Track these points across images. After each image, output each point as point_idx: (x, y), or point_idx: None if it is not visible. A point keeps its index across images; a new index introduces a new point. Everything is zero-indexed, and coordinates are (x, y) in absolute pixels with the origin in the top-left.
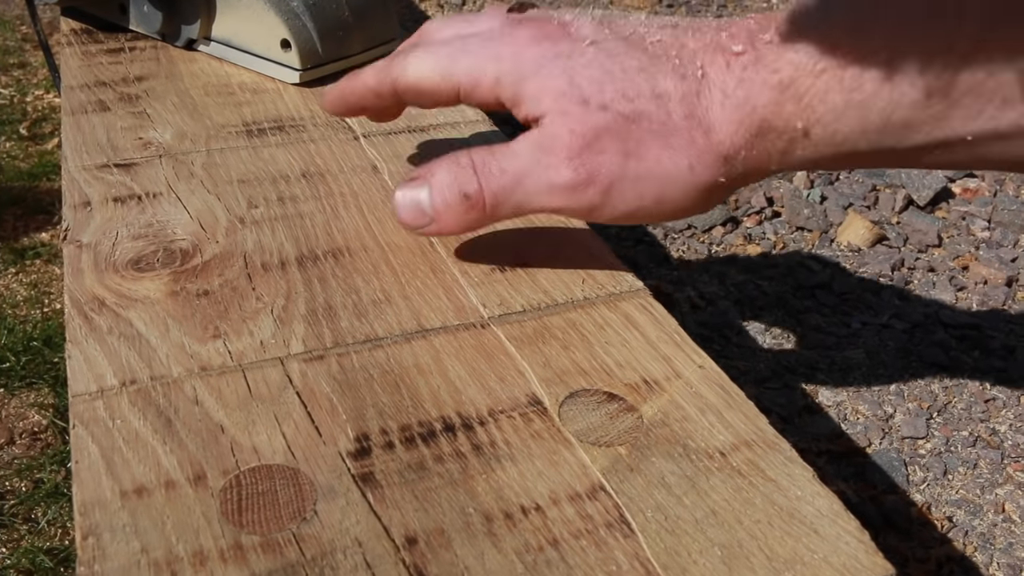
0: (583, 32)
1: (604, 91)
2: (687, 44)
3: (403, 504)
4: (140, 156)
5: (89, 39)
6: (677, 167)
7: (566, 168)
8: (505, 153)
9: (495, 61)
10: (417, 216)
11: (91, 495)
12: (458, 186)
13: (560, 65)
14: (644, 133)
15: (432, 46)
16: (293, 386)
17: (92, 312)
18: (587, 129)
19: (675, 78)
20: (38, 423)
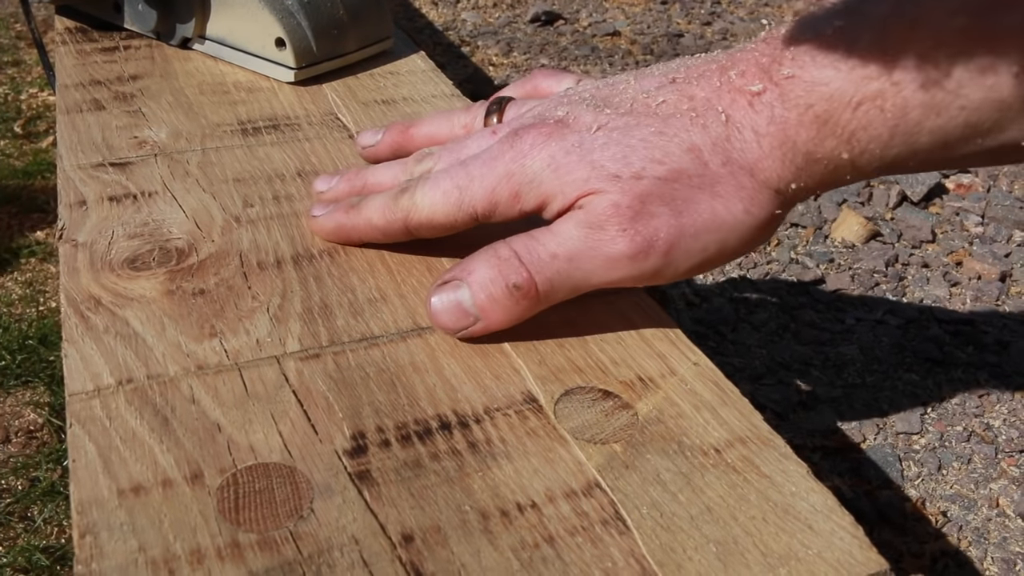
0: (584, 120)
1: (632, 163)
2: (695, 95)
3: (399, 502)
4: (135, 155)
5: (84, 38)
6: (732, 214)
7: (622, 239)
8: (550, 236)
9: (507, 179)
10: (460, 318)
11: (88, 494)
12: (503, 280)
13: (575, 157)
14: (688, 189)
15: (436, 179)
16: (289, 384)
17: (88, 311)
18: (631, 199)
19: (698, 130)
20: (34, 421)
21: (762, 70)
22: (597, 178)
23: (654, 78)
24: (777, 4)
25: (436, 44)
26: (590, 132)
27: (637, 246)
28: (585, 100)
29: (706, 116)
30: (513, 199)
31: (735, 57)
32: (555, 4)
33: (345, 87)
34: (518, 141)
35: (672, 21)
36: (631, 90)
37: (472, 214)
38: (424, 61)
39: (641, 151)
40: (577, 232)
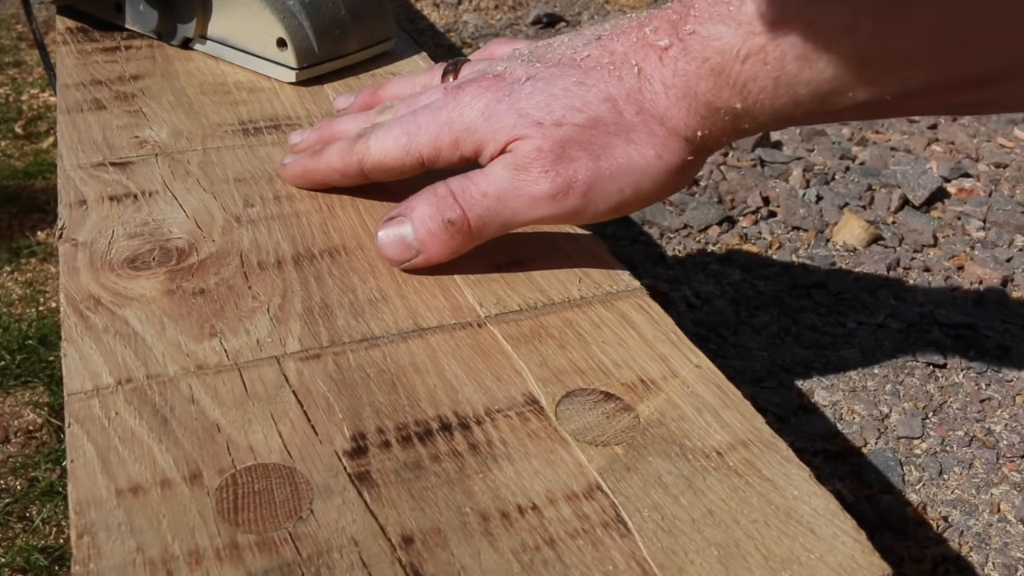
0: (517, 73)
1: (553, 111)
2: (615, 49)
3: (399, 503)
4: (136, 155)
5: (85, 38)
6: (645, 158)
7: (544, 180)
8: (481, 177)
9: (448, 126)
10: (403, 251)
11: (87, 494)
12: (440, 215)
13: (504, 106)
14: (605, 136)
15: (388, 126)
16: (289, 385)
17: (88, 310)
18: (552, 143)
19: (614, 81)
20: (33, 421)
21: (671, 26)
22: (523, 125)
23: (583, 36)
24: None
25: (438, 46)
26: (519, 83)
27: (558, 186)
28: (523, 56)
29: (622, 69)
30: (453, 145)
31: (653, 15)
32: (556, 6)
33: (347, 87)
34: (460, 93)
35: None
36: (563, 47)
37: (419, 158)
38: (426, 62)
39: (563, 100)
40: (505, 173)
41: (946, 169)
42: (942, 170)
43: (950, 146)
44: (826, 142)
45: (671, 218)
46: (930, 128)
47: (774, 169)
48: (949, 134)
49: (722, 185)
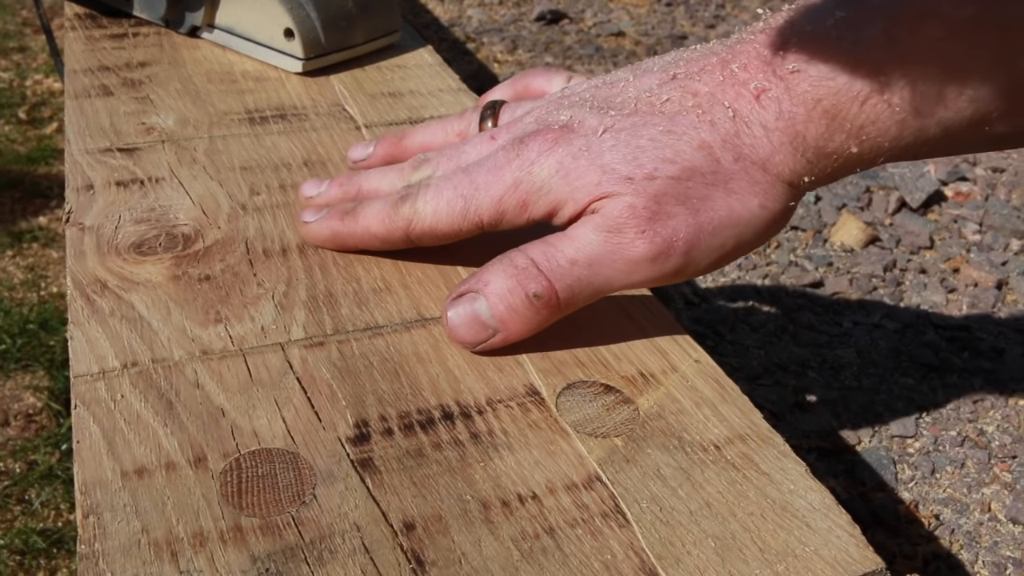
0: (589, 123)
1: (643, 164)
2: (699, 90)
3: (401, 490)
4: (143, 141)
5: (93, 24)
6: (748, 208)
7: (641, 241)
8: (567, 243)
9: (514, 187)
10: (478, 331)
11: (92, 475)
12: (522, 289)
13: (583, 162)
14: (702, 187)
15: (437, 188)
16: (293, 371)
17: (94, 294)
18: (647, 200)
19: (706, 127)
20: (33, 405)
21: (765, 63)
22: (609, 181)
23: (653, 75)
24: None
25: (441, 40)
26: (596, 135)
27: (657, 247)
28: (587, 102)
29: (712, 112)
30: (521, 207)
31: (734, 49)
32: (560, 3)
33: (352, 79)
34: (524, 148)
35: (676, 23)
36: (632, 89)
37: (478, 223)
38: (431, 55)
39: (651, 151)
40: (595, 236)
41: (944, 172)
42: (940, 173)
43: None
44: None
45: None
46: None
47: None
48: None
49: None
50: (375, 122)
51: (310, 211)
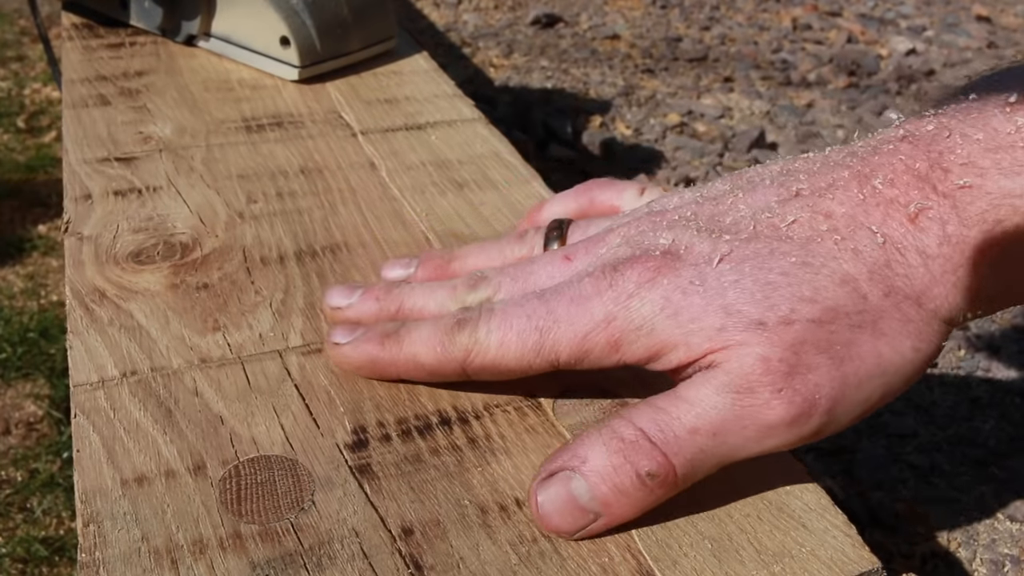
0: (700, 250)
1: (776, 305)
2: (833, 211)
3: (399, 495)
4: (140, 150)
5: (90, 34)
6: (900, 353)
7: (779, 403)
8: (685, 408)
9: (605, 323)
10: (577, 517)
11: (92, 483)
12: (632, 467)
13: (699, 299)
14: (847, 330)
15: (506, 316)
16: (291, 379)
17: (93, 303)
18: (783, 351)
19: (849, 256)
20: (34, 413)
21: (919, 178)
22: (735, 326)
23: (769, 190)
24: (775, 10)
25: (438, 45)
26: (712, 265)
27: (797, 408)
28: (689, 221)
29: (855, 238)
30: (611, 348)
31: (871, 161)
32: (555, 7)
33: (348, 86)
34: (618, 278)
35: (671, 25)
36: (743, 207)
37: (553, 361)
38: (427, 61)
39: (785, 288)
40: (720, 399)
41: None
42: None
43: None
44: (821, 144)
45: None
46: None
47: None
48: None
49: None
50: (371, 128)
51: (342, 331)
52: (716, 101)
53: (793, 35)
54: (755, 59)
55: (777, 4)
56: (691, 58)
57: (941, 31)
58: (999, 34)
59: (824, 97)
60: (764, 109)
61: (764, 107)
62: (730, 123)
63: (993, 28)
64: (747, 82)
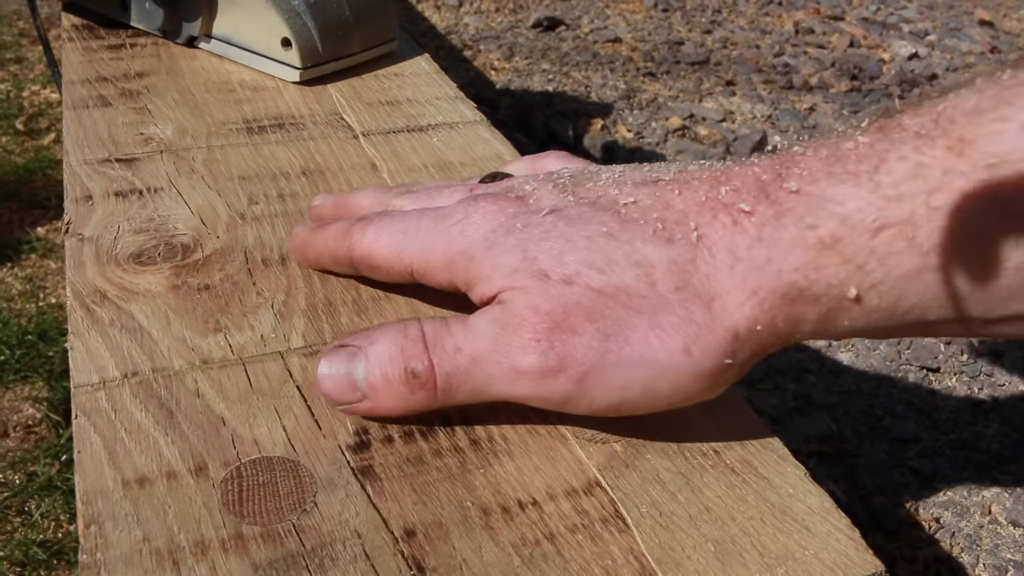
0: (543, 202)
1: (565, 262)
2: (672, 203)
3: (402, 497)
4: (141, 151)
5: (90, 35)
6: (668, 350)
7: (532, 351)
8: (462, 329)
9: (446, 241)
10: (345, 390)
11: (93, 484)
12: (404, 361)
13: (512, 239)
14: (623, 310)
15: (391, 219)
16: (293, 380)
17: (94, 304)
18: (552, 306)
19: (657, 243)
20: (32, 416)
21: (760, 187)
22: (526, 272)
23: (641, 173)
24: (777, 14)
25: (439, 48)
26: (540, 215)
27: (548, 362)
28: (560, 180)
29: (674, 229)
30: (445, 267)
31: (733, 171)
32: (557, 10)
33: (350, 87)
34: (473, 205)
35: (673, 29)
36: (610, 181)
37: (408, 268)
38: (428, 63)
39: (582, 252)
40: (488, 329)
41: None
42: None
43: None
44: None
45: None
46: None
47: None
48: None
49: None
50: (373, 130)
51: (301, 225)
52: (718, 105)
53: (795, 39)
54: (757, 63)
55: (779, 8)
56: (693, 62)
57: (943, 36)
58: (1002, 39)
59: (826, 101)
60: (766, 113)
61: (766, 111)
62: (732, 127)
63: (996, 33)
64: (749, 86)
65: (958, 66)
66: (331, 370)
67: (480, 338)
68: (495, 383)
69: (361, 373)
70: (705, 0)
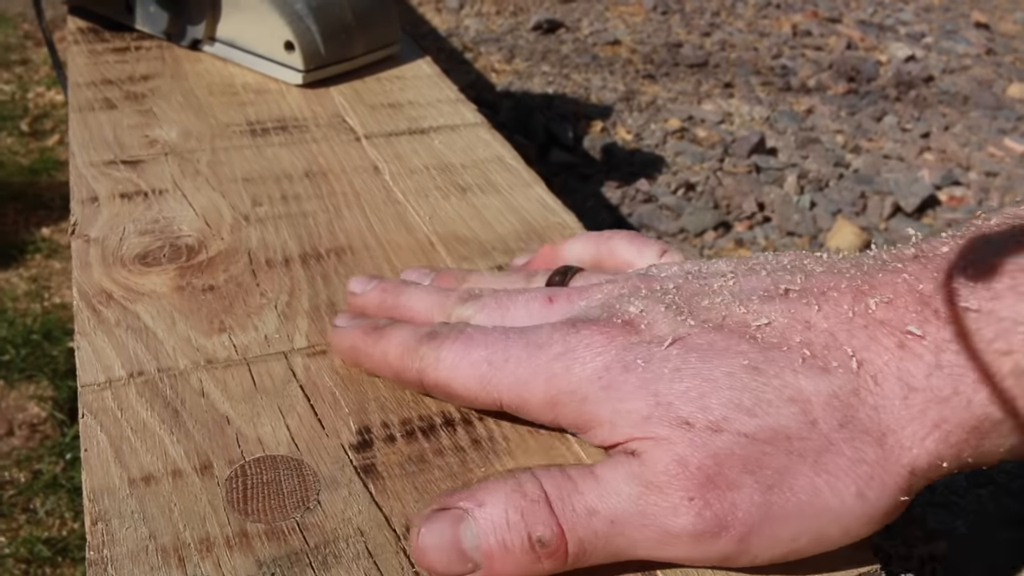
0: (658, 328)
1: (709, 406)
2: (814, 323)
3: (404, 495)
4: (146, 153)
5: (96, 38)
6: (840, 497)
7: (686, 512)
8: (592, 486)
9: (546, 377)
10: (453, 561)
11: (100, 482)
12: (526, 527)
13: (635, 379)
14: (783, 455)
15: (469, 342)
16: (297, 379)
17: (100, 305)
18: (702, 458)
19: (810, 374)
20: (37, 415)
21: (920, 301)
22: (661, 419)
23: (759, 280)
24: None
25: (439, 50)
26: (662, 347)
27: (706, 523)
28: (667, 295)
29: (826, 356)
30: (548, 405)
31: (873, 278)
32: (557, 12)
33: (352, 90)
34: (573, 336)
35: (672, 31)
36: (728, 293)
37: (496, 400)
38: (430, 66)
39: (725, 392)
40: (627, 489)
41: (938, 177)
42: (934, 178)
43: (942, 155)
44: (820, 149)
45: (668, 222)
46: (922, 137)
47: (769, 175)
48: (941, 143)
49: (718, 191)
50: (375, 133)
51: (344, 316)
52: (716, 107)
53: (793, 41)
54: (755, 65)
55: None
56: (692, 64)
57: (940, 38)
58: (998, 41)
59: (824, 103)
60: (764, 115)
61: (764, 113)
62: (730, 128)
63: (992, 35)
64: (747, 88)
65: (954, 68)
66: (435, 539)
67: (618, 497)
68: (639, 546)
69: (471, 540)
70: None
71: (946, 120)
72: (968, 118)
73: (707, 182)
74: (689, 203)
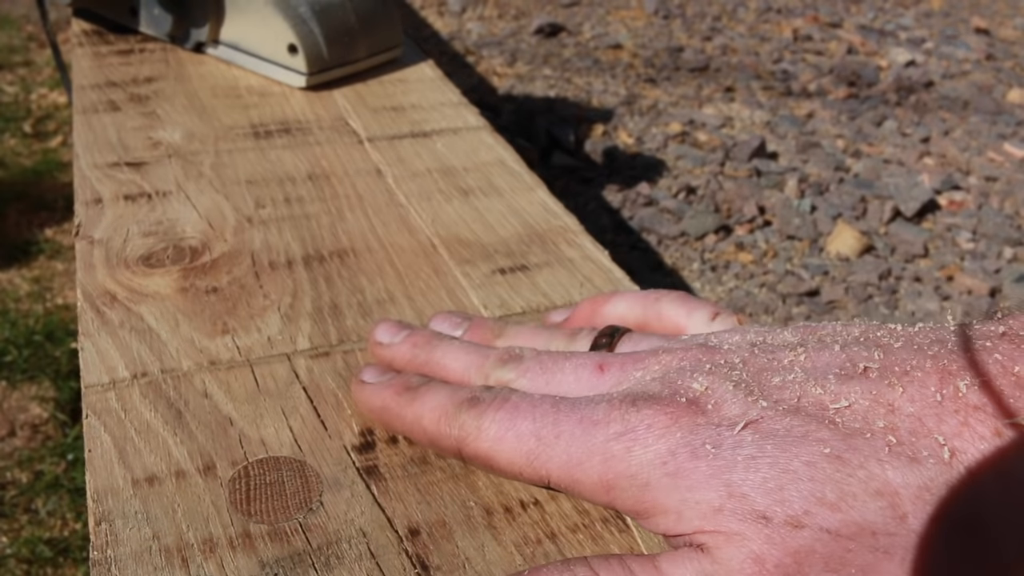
0: (727, 409)
1: (788, 499)
2: (898, 406)
3: (406, 497)
4: (150, 155)
5: (100, 40)
6: None
7: None
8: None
9: (601, 459)
10: None
11: (104, 483)
12: None
13: (705, 466)
14: (869, 553)
15: (514, 411)
16: (300, 381)
17: (104, 306)
18: (781, 556)
19: (898, 463)
20: (39, 416)
21: (1018, 385)
22: (735, 512)
23: (832, 355)
24: (776, 22)
25: (442, 53)
26: (733, 431)
27: None
28: (733, 370)
29: (914, 444)
30: (603, 487)
31: (961, 357)
32: (558, 17)
33: (355, 93)
34: (632, 414)
35: (673, 35)
36: (799, 369)
37: (544, 477)
38: (432, 69)
39: (805, 483)
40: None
41: (937, 181)
42: (933, 182)
43: (941, 159)
44: (820, 154)
45: (669, 226)
46: (922, 141)
47: (770, 179)
48: (941, 148)
49: (719, 195)
50: (378, 135)
51: (372, 370)
52: (717, 111)
53: (794, 46)
54: (756, 69)
55: (778, 15)
56: (693, 68)
57: (940, 43)
58: (997, 46)
59: (824, 107)
60: (765, 119)
61: (765, 117)
62: (731, 132)
63: (992, 40)
64: (748, 92)
65: (954, 73)
66: None
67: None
68: None
69: None
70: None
71: (946, 125)
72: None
73: (708, 186)
74: (690, 206)
